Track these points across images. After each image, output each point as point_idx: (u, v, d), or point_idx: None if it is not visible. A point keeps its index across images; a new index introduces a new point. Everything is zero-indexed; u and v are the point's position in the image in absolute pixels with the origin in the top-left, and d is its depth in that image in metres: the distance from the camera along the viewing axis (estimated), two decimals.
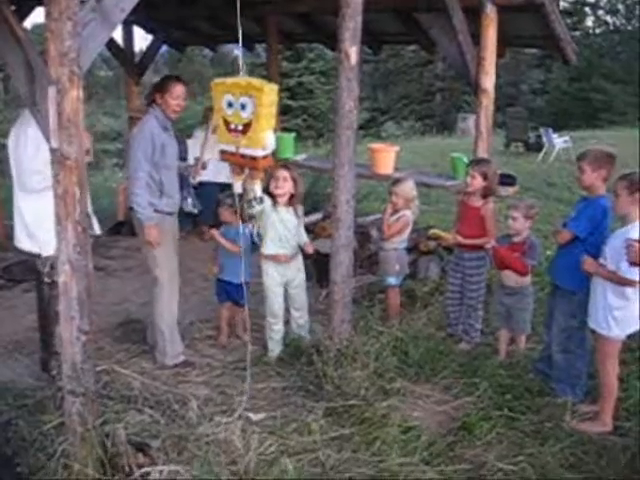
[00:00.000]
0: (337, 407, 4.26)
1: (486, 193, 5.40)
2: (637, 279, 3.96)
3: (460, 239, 5.46)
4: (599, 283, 4.20)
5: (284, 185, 5.01)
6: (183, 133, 9.54)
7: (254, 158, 4.19)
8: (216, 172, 7.73)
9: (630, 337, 4.36)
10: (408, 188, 5.80)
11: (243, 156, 4.22)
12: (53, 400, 3.85)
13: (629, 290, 4.07)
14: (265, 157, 4.21)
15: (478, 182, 5.37)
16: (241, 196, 4.58)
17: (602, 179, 4.44)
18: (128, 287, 6.73)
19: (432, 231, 6.57)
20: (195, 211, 8.19)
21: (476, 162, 5.61)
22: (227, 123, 4.21)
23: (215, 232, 5.44)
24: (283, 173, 5.04)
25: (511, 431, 4.22)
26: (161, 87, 4.99)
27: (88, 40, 3.33)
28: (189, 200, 8.27)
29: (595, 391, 4.59)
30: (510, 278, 5.21)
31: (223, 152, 4.38)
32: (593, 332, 4.39)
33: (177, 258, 5.15)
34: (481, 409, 4.41)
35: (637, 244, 3.56)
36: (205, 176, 7.93)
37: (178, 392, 4.60)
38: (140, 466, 3.54)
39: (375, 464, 3.81)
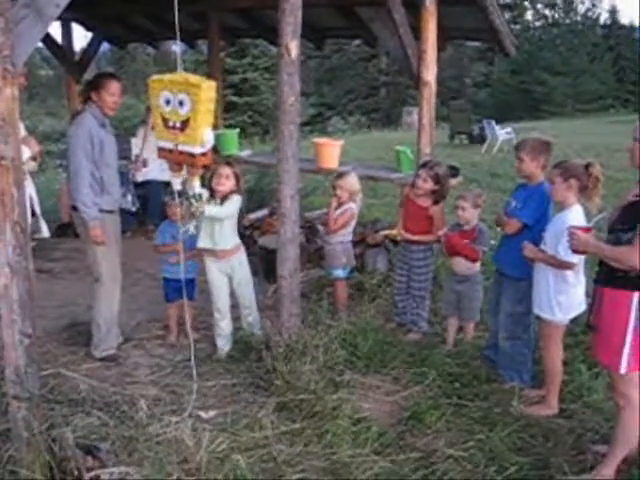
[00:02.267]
0: (287, 402, 4.27)
1: (437, 198, 5.47)
2: (575, 261, 4.06)
3: (408, 236, 5.52)
4: (541, 269, 4.28)
5: (225, 182, 4.99)
6: (128, 132, 9.43)
7: (192, 155, 4.15)
8: (161, 170, 7.64)
9: (573, 321, 4.46)
10: (352, 181, 5.83)
11: (181, 153, 4.18)
12: None
13: (570, 275, 4.17)
14: (204, 154, 4.17)
15: (429, 185, 5.43)
16: (180, 194, 4.52)
17: (541, 167, 4.54)
18: (73, 289, 6.62)
19: (384, 232, 6.60)
20: (133, 209, 8.11)
21: (427, 164, 5.62)
22: (165, 120, 4.16)
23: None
24: (226, 170, 5.02)
25: (460, 418, 4.28)
26: (96, 84, 4.97)
27: (22, 37, 3.25)
28: (128, 197, 8.19)
29: (541, 375, 4.68)
30: (460, 265, 5.28)
31: (161, 149, 4.32)
32: (537, 318, 4.48)
33: (119, 256, 5.16)
34: (430, 398, 4.47)
35: (579, 232, 3.63)
36: (150, 174, 7.88)
37: (127, 393, 4.55)
38: (90, 469, 3.48)
39: (327, 456, 3.82)
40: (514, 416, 4.30)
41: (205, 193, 4.73)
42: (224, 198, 5.01)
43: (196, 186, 4.51)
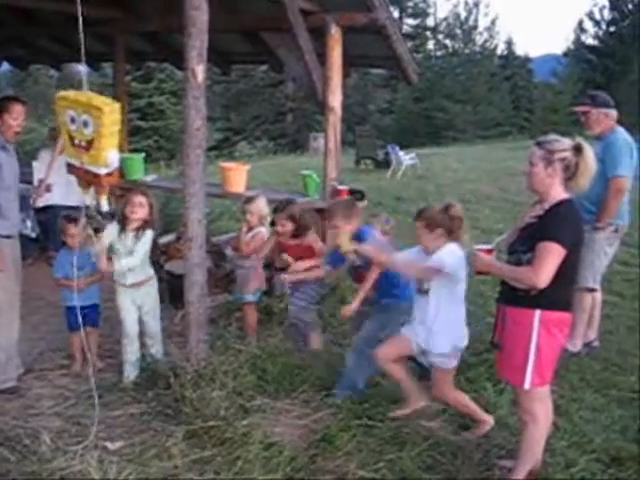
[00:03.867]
0: (197, 429, 4.19)
1: (300, 232, 5.55)
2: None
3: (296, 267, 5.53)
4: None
5: (139, 210, 4.92)
6: (28, 155, 9.14)
7: (96, 175, 4.09)
8: (64, 195, 7.46)
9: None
10: (261, 205, 5.84)
11: (87, 172, 4.12)
12: None
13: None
14: (109, 174, 4.11)
15: (289, 227, 5.52)
16: (88, 210, 4.43)
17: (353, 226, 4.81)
18: None
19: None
20: (33, 235, 7.85)
21: (279, 208, 5.64)
22: (71, 138, 4.10)
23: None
24: (140, 198, 4.95)
25: (371, 439, 4.30)
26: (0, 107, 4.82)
27: None
28: (28, 223, 7.94)
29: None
30: None
31: (70, 165, 4.26)
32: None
33: (18, 284, 4.98)
34: (341, 420, 4.47)
35: (482, 253, 3.74)
36: (52, 199, 7.65)
37: (29, 426, 4.37)
38: None
39: None
40: (423, 435, 4.35)
41: (114, 213, 4.66)
42: (138, 229, 4.94)
43: (104, 204, 4.38)
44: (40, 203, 7.50)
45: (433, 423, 4.53)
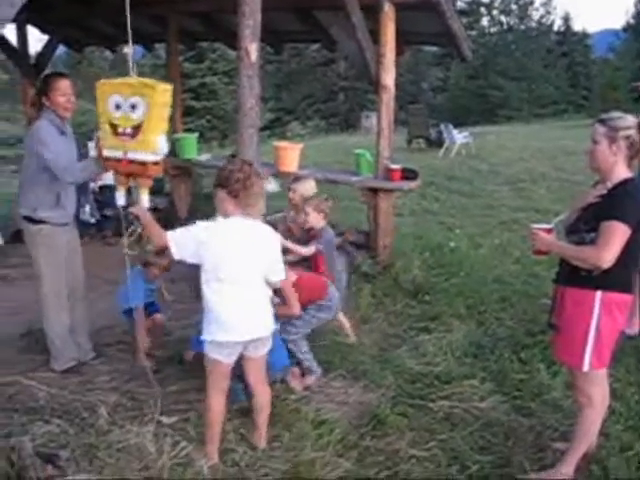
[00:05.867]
0: (249, 405, 4.24)
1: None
2: None
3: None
4: None
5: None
6: (84, 137, 9.30)
7: (143, 163, 3.85)
8: None
9: None
10: (307, 186, 5.70)
11: (131, 162, 3.87)
12: None
13: None
14: (156, 163, 3.87)
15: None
16: (125, 208, 4.03)
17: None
18: (29, 296, 6.45)
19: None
20: (92, 220, 7.93)
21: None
22: (114, 127, 3.87)
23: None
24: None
25: (422, 418, 4.30)
26: (45, 87, 4.67)
27: None
28: (87, 209, 8.02)
29: None
30: None
31: (107, 159, 3.99)
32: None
33: (72, 269, 4.99)
34: (392, 398, 4.49)
35: (542, 232, 3.67)
36: (108, 179, 7.77)
37: (86, 400, 4.47)
38: (49, 478, 3.44)
39: (289, 459, 3.81)
40: (475, 415, 4.34)
41: (155, 208, 4.51)
42: None
43: (145, 199, 4.01)
44: (98, 183, 7.61)
45: (485, 404, 4.50)
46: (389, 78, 6.60)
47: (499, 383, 4.73)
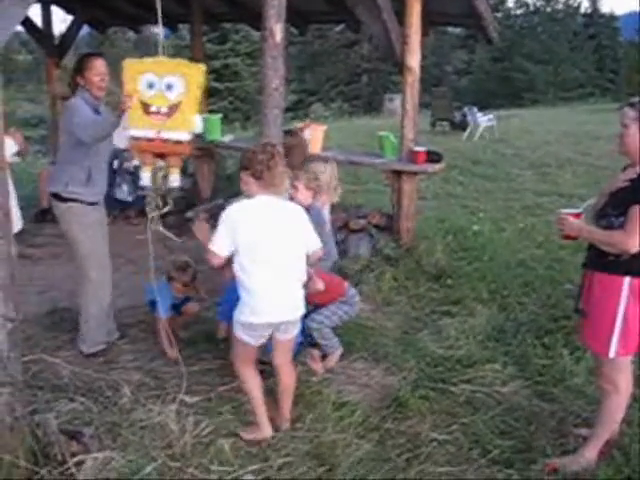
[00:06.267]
0: (273, 385, 4.27)
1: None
2: None
3: None
4: None
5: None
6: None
7: (178, 142, 3.91)
8: None
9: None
10: (322, 168, 5.13)
11: (165, 141, 3.91)
12: None
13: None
14: (189, 142, 3.97)
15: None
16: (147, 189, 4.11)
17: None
18: (55, 275, 6.57)
19: None
20: (130, 199, 7.89)
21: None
22: (146, 106, 3.88)
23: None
24: None
25: (444, 402, 4.30)
26: (80, 67, 4.72)
27: (1, 18, 3.20)
28: (124, 187, 8.01)
29: None
30: None
31: (136, 139, 3.98)
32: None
33: (106, 248, 4.97)
34: (413, 382, 4.49)
35: (571, 217, 3.63)
36: None
37: (110, 379, 4.51)
38: (74, 454, 3.47)
39: (311, 439, 3.84)
40: (497, 399, 4.33)
41: (182, 187, 4.49)
42: None
43: (175, 179, 4.09)
44: (134, 162, 7.61)
45: (507, 388, 4.49)
46: (414, 60, 6.54)
47: (521, 368, 4.72)
